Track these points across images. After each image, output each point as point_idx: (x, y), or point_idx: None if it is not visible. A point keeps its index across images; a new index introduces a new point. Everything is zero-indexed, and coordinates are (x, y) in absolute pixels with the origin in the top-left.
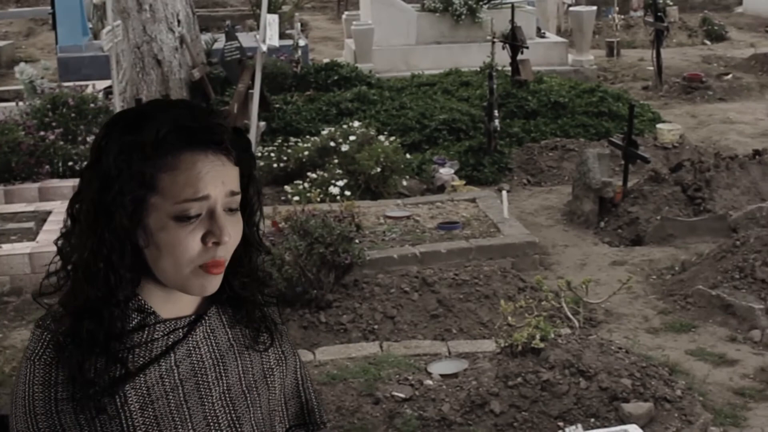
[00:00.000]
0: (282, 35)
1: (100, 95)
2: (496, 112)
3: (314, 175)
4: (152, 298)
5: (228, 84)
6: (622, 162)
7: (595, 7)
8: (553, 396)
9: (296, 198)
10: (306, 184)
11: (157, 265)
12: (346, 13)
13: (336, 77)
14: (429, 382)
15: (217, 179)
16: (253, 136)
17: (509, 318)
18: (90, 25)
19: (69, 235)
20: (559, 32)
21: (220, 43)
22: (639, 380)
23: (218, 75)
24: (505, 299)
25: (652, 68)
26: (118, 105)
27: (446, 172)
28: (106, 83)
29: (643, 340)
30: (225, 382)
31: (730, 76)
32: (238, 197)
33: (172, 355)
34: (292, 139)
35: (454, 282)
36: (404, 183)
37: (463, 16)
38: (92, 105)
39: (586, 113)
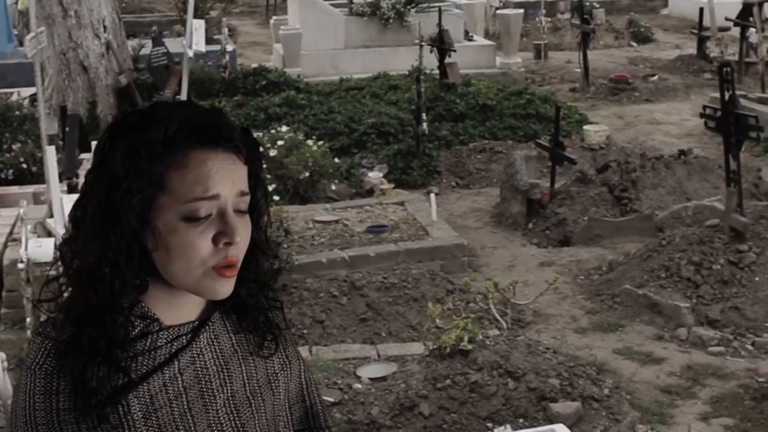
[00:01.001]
0: (210, 40)
1: (26, 102)
2: (424, 116)
3: None
4: (156, 304)
5: (155, 90)
6: (549, 163)
7: (522, 10)
8: (482, 397)
9: None
10: None
11: (166, 268)
12: (275, 17)
13: (264, 82)
14: (358, 385)
15: (227, 178)
16: None
17: (437, 320)
18: (15, 32)
19: (71, 240)
20: (486, 35)
21: (147, 48)
22: (567, 380)
23: (145, 81)
24: (434, 302)
25: (579, 70)
26: (43, 113)
27: (375, 176)
28: (31, 90)
29: (571, 340)
30: (229, 388)
31: (656, 77)
32: (248, 198)
33: (175, 362)
34: None
35: (383, 285)
36: (333, 187)
37: (391, 20)
38: (17, 113)
39: (514, 115)
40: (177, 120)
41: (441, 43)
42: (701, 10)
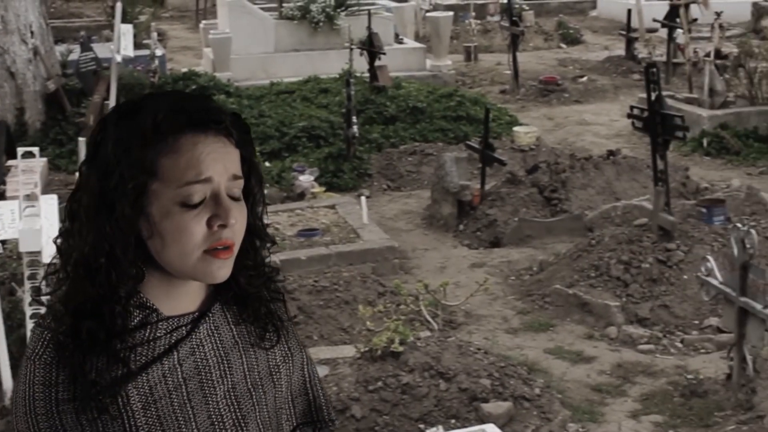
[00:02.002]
0: (139, 45)
1: None
2: (354, 119)
3: None
4: (154, 294)
5: (84, 95)
6: (479, 165)
7: (451, 13)
8: (414, 399)
9: None
10: None
11: (162, 254)
12: (204, 22)
13: (194, 87)
14: None
15: (218, 161)
16: None
17: (368, 323)
18: None
19: (68, 232)
20: (417, 38)
21: (76, 54)
22: (498, 380)
23: (74, 86)
24: (365, 304)
25: (509, 72)
26: None
27: (306, 180)
28: None
29: (503, 340)
30: (230, 380)
31: (585, 78)
32: (241, 182)
33: (175, 353)
34: None
35: (314, 289)
36: (264, 191)
37: (321, 24)
38: None
39: (445, 118)
40: (165, 106)
41: (371, 46)
42: (629, 11)
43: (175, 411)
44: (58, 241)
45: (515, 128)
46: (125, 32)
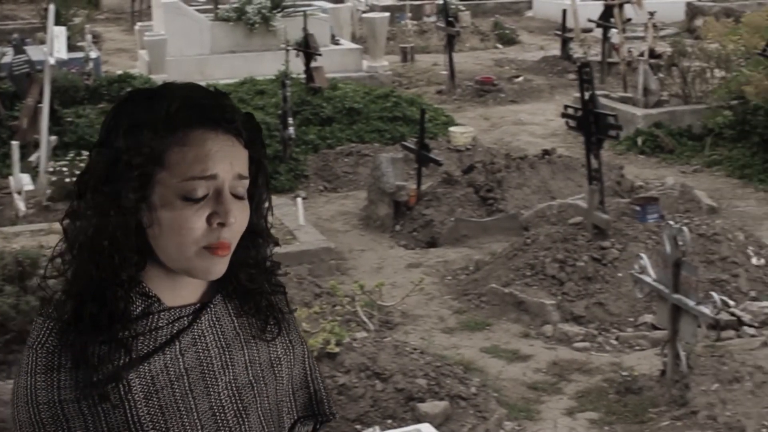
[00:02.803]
0: (73, 48)
1: None
2: (290, 120)
3: None
4: (157, 285)
5: (17, 98)
6: (415, 166)
7: (388, 14)
8: (350, 399)
9: None
10: None
11: (160, 244)
12: (139, 24)
13: (129, 89)
14: None
15: (225, 159)
16: (43, 150)
17: (304, 324)
18: None
19: (74, 214)
20: (353, 39)
21: (9, 56)
22: (434, 380)
23: (7, 89)
24: (301, 306)
25: (445, 72)
26: None
27: None
28: None
29: (439, 340)
30: (231, 371)
31: (521, 78)
32: (246, 182)
33: (176, 343)
34: (85, 152)
35: None
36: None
37: (257, 25)
38: None
39: (381, 118)
40: (180, 98)
41: (307, 48)
42: (564, 11)
43: (177, 401)
44: (65, 222)
45: (451, 128)
46: (58, 34)
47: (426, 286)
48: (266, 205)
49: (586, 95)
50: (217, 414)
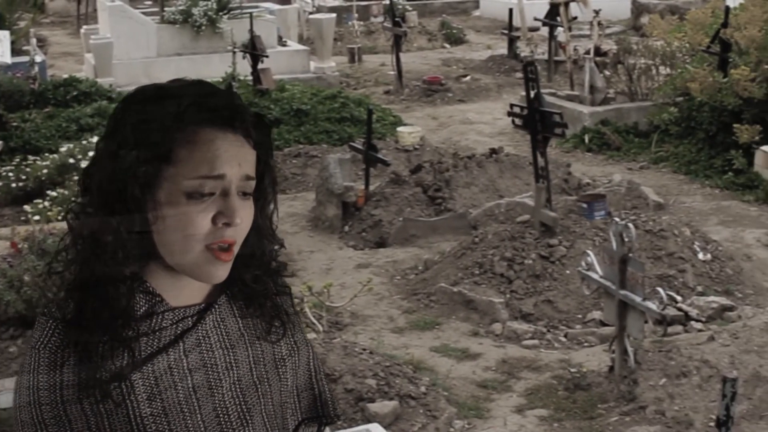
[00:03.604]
0: (18, 52)
1: None
2: None
3: (55, 194)
4: (160, 284)
5: None
6: (363, 166)
7: (334, 15)
8: None
9: (37, 217)
10: (46, 203)
11: (164, 242)
12: (85, 27)
13: (75, 93)
14: None
15: (234, 159)
16: None
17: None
18: None
19: (79, 209)
20: (300, 40)
21: None
22: (383, 380)
23: None
24: None
25: (393, 73)
26: None
27: None
28: None
29: (388, 340)
30: (235, 372)
31: (468, 77)
32: (253, 183)
33: (181, 344)
34: (31, 157)
35: None
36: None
37: (203, 27)
38: None
39: (329, 119)
40: (191, 96)
41: (253, 49)
42: (511, 10)
43: (180, 402)
44: (69, 217)
45: (399, 128)
46: (2, 39)
47: (375, 286)
48: (272, 206)
49: (532, 94)
50: (221, 416)
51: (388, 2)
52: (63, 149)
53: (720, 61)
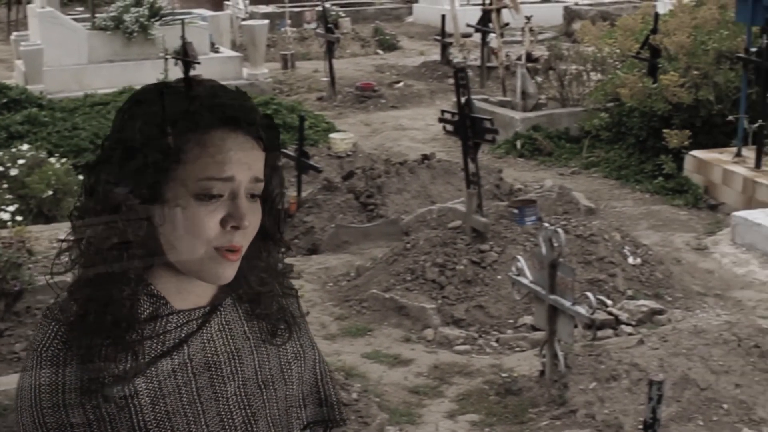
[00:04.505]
0: None
1: None
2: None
3: None
4: (165, 286)
5: None
6: (296, 173)
7: (267, 21)
8: None
9: None
10: None
11: (171, 244)
12: (15, 33)
13: (5, 100)
14: None
15: (243, 162)
16: None
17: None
18: None
19: (84, 208)
20: (233, 46)
21: None
22: None
23: None
24: None
25: (326, 79)
26: None
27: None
28: None
29: (320, 346)
30: (240, 376)
31: (401, 84)
32: (262, 185)
33: (185, 347)
34: None
35: None
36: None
37: (135, 34)
38: None
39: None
40: (202, 96)
41: (185, 56)
42: (443, 17)
43: (184, 407)
44: (73, 217)
45: (332, 135)
46: None
47: (307, 293)
48: (279, 209)
49: (463, 100)
50: (225, 420)
51: (320, 9)
52: None
53: (650, 66)
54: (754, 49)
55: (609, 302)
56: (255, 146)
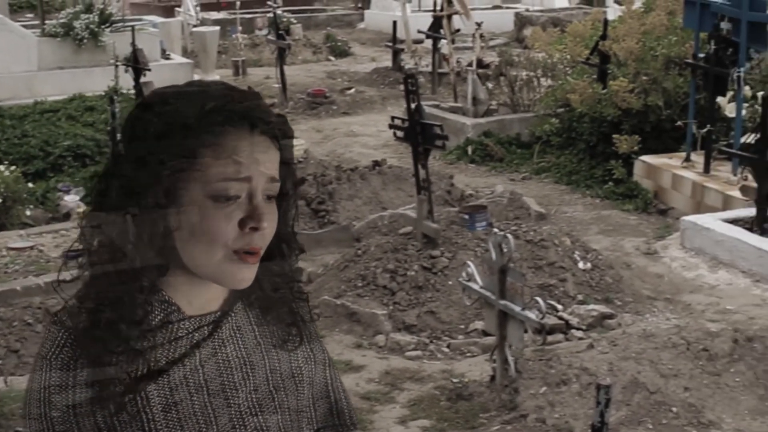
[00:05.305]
0: None
1: None
2: (119, 136)
3: None
4: (176, 292)
5: None
6: None
7: (218, 28)
8: None
9: None
10: None
11: (187, 248)
12: None
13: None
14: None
15: (259, 162)
16: None
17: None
18: None
19: (93, 215)
20: (184, 53)
21: None
22: None
23: None
24: None
25: (277, 86)
26: None
27: (71, 200)
28: None
29: None
30: (252, 382)
31: (353, 90)
32: (278, 186)
33: (196, 354)
34: None
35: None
36: (28, 213)
37: (85, 41)
38: None
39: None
40: (215, 97)
41: (136, 63)
42: (395, 23)
43: (196, 414)
44: (82, 222)
45: None
46: None
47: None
48: (293, 211)
49: (413, 106)
50: (237, 426)
51: (272, 15)
52: None
53: (599, 72)
54: (702, 55)
55: (559, 307)
56: (270, 146)
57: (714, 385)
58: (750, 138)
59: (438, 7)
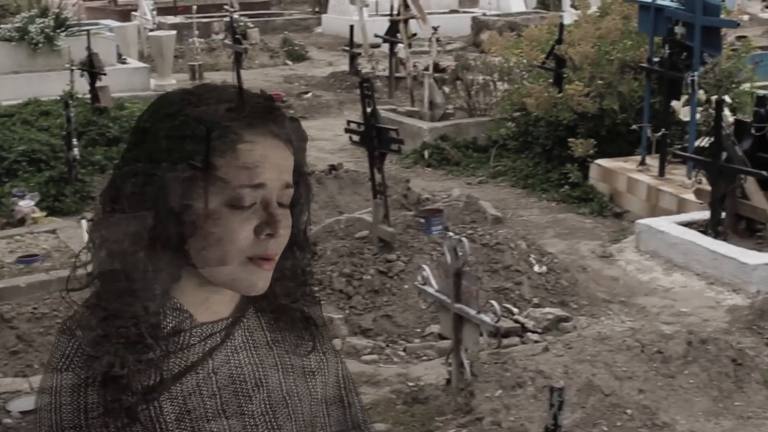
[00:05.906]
0: None
1: None
2: (75, 141)
3: None
4: (188, 299)
5: None
6: None
7: (174, 32)
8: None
9: None
10: None
11: (202, 255)
12: None
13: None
14: (8, 420)
15: (275, 167)
16: None
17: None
18: None
19: (103, 223)
20: (141, 57)
21: None
22: None
23: None
24: None
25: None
26: None
27: (26, 205)
28: None
29: None
30: (265, 388)
31: (310, 94)
32: (292, 191)
33: (209, 361)
34: None
35: (34, 316)
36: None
37: (40, 45)
38: None
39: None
40: (228, 101)
41: (91, 67)
42: (352, 27)
43: (210, 422)
44: (92, 230)
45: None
46: None
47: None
48: (306, 215)
49: (369, 110)
50: None
51: (228, 19)
52: None
53: (555, 76)
54: (656, 59)
55: (515, 310)
56: (285, 150)
57: (668, 387)
58: (704, 141)
59: (395, 12)
